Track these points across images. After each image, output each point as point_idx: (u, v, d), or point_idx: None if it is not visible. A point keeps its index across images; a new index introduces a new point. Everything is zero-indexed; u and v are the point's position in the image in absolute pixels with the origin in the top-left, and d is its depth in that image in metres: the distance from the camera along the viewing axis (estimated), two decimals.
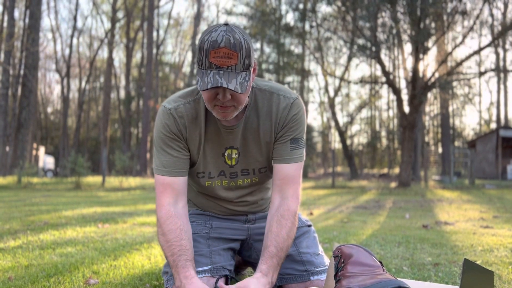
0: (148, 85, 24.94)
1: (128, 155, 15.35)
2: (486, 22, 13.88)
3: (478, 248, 2.77)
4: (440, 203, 7.17)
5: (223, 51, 1.18)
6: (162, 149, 1.43)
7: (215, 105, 1.29)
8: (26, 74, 20.24)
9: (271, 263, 1.33)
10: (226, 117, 1.32)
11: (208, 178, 1.52)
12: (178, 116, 1.41)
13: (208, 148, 1.46)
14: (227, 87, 1.18)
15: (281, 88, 1.47)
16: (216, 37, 1.18)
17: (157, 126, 1.44)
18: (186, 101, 1.43)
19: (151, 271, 2.09)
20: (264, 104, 1.45)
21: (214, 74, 1.19)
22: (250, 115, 1.45)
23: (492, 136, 22.64)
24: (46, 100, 43.11)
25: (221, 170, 1.51)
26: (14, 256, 2.43)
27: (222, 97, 1.25)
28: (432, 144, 39.36)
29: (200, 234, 1.56)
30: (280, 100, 1.44)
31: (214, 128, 1.44)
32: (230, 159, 1.49)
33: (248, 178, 1.54)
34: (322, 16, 16.83)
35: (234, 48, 1.19)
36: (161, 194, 1.42)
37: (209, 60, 1.19)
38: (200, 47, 1.21)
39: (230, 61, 1.19)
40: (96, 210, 5.44)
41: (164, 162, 1.42)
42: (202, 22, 29.58)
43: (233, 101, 1.28)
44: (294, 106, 1.44)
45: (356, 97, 36.85)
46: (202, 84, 1.20)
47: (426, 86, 12.67)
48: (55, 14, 46.82)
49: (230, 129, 1.43)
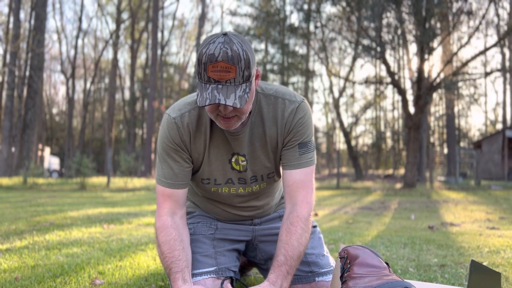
0: (152, 86, 25.00)
1: (132, 156, 15.39)
2: (492, 22, 13.81)
3: (484, 249, 2.75)
4: (445, 204, 7.14)
5: (220, 65, 1.17)
6: (164, 160, 1.43)
7: (217, 115, 1.28)
8: (31, 75, 20.36)
9: (279, 272, 1.30)
10: (229, 128, 1.31)
11: (214, 185, 1.51)
12: (182, 125, 1.40)
13: (213, 155, 1.45)
14: (225, 104, 1.17)
15: (286, 92, 1.45)
16: (214, 50, 1.16)
17: (160, 136, 1.43)
18: (192, 107, 1.41)
19: (156, 272, 2.10)
20: (270, 109, 1.43)
21: (213, 89, 1.18)
22: (255, 121, 1.43)
23: (498, 136, 22.51)
24: (51, 101, 43.35)
25: (229, 178, 1.49)
26: (21, 257, 2.45)
27: (224, 109, 1.23)
28: (437, 145, 39.20)
29: (206, 235, 1.56)
30: (285, 104, 1.42)
31: (219, 134, 1.42)
32: (238, 165, 1.47)
33: (257, 184, 1.52)
34: (326, 17, 16.83)
35: (232, 62, 1.17)
36: (161, 204, 1.44)
37: (207, 74, 1.18)
38: (199, 60, 1.20)
39: (228, 75, 1.18)
40: (101, 211, 5.45)
41: (165, 173, 1.42)
42: (206, 23, 29.72)
43: (235, 112, 1.27)
44: (300, 110, 1.42)
45: (361, 98, 36.83)
46: (201, 99, 1.19)
47: (431, 86, 12.62)
48: (60, 15, 46.97)
49: (236, 135, 1.41)
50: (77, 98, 39.46)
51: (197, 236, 1.55)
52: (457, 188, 12.72)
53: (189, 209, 1.69)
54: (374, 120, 40.07)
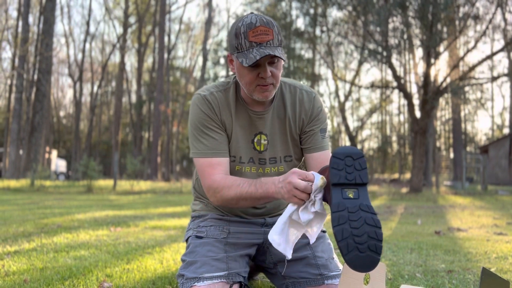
0: (159, 90, 25.12)
1: (139, 159, 15.46)
2: (498, 26, 13.76)
3: (492, 255, 2.74)
4: (452, 209, 7.10)
5: (260, 29, 1.32)
6: (203, 133, 1.50)
7: (256, 86, 1.40)
8: (39, 79, 20.53)
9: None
10: (267, 97, 1.43)
11: (239, 163, 1.57)
12: (212, 100, 1.51)
13: (239, 134, 1.54)
14: (274, 54, 1.30)
15: (301, 83, 1.61)
16: (250, 19, 1.34)
17: (193, 113, 1.52)
18: (218, 89, 1.54)
19: (163, 275, 2.11)
20: (290, 96, 1.57)
21: (257, 49, 1.32)
22: (277, 105, 1.56)
23: (505, 141, 22.35)
24: (59, 104, 43.64)
25: (251, 157, 1.56)
26: (29, 259, 2.47)
27: (264, 72, 1.36)
28: (443, 149, 38.99)
29: (218, 239, 1.57)
30: (303, 94, 1.57)
31: (244, 115, 1.54)
32: (259, 144, 1.56)
33: (275, 166, 1.59)
34: (332, 21, 16.83)
35: (269, 25, 1.33)
36: (210, 172, 1.47)
37: (249, 40, 1.33)
38: (236, 33, 1.35)
39: (268, 37, 1.33)
40: (108, 214, 5.48)
41: (209, 144, 1.49)
42: (213, 27, 29.82)
43: (272, 79, 1.40)
44: (317, 99, 1.59)
45: (366, 102, 36.73)
46: (248, 60, 1.32)
47: (437, 91, 12.57)
48: (69, 19, 47.42)
49: (260, 114, 1.53)
50: (84, 101, 39.73)
51: (209, 239, 1.56)
52: (464, 193, 12.63)
53: (201, 212, 1.70)
54: (380, 124, 39.97)
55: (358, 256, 1.07)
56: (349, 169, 1.14)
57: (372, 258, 1.07)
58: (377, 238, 1.08)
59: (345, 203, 1.11)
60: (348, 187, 1.14)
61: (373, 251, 1.07)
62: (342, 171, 1.13)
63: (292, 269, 1.56)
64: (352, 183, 1.13)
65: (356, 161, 1.15)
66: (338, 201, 1.12)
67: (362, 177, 1.14)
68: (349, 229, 1.08)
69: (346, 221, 1.09)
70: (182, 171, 39.62)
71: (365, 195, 1.13)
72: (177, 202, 8.41)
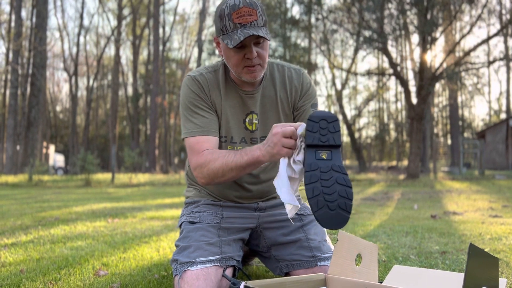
0: (155, 82, 25.01)
1: (136, 152, 15.46)
2: (494, 10, 13.69)
3: (486, 236, 2.76)
4: (449, 193, 7.14)
5: (243, 10, 1.34)
6: (193, 112, 1.51)
7: (244, 67, 1.42)
8: (34, 73, 20.41)
9: None
10: (255, 77, 1.44)
11: (230, 143, 1.58)
12: (202, 81, 1.53)
13: (230, 114, 1.55)
14: (257, 34, 1.31)
15: (288, 63, 1.63)
16: (234, 1, 1.34)
17: (184, 94, 1.55)
18: (207, 70, 1.57)
19: (159, 262, 2.12)
20: (279, 75, 1.59)
21: (242, 30, 1.33)
22: (267, 85, 1.58)
23: (502, 126, 22.40)
24: (55, 99, 43.44)
25: (242, 136, 1.58)
26: (26, 250, 2.48)
27: (250, 53, 1.37)
28: (441, 135, 39.07)
29: (211, 224, 1.57)
30: (291, 72, 1.60)
31: (234, 94, 1.55)
32: (251, 124, 1.58)
33: None
34: (327, 9, 16.73)
35: (252, 6, 1.35)
36: (198, 149, 1.46)
37: (233, 22, 1.34)
38: (221, 14, 1.36)
39: (252, 18, 1.34)
40: (106, 206, 5.49)
41: (199, 123, 1.50)
42: (207, 18, 29.54)
43: (259, 59, 1.41)
44: (305, 76, 1.61)
45: (363, 90, 36.67)
46: (233, 41, 1.33)
47: (433, 76, 12.56)
48: (62, 13, 46.87)
49: (251, 93, 1.55)
50: (80, 95, 39.59)
51: (203, 224, 1.57)
52: (461, 178, 12.69)
53: (194, 198, 1.71)
54: (377, 112, 39.96)
55: (328, 213, 1.10)
56: (323, 132, 1.18)
57: (341, 215, 1.11)
58: (347, 196, 1.12)
59: (318, 163, 1.15)
60: (321, 149, 1.17)
61: (343, 209, 1.11)
62: (316, 133, 1.17)
63: (286, 252, 1.57)
64: (325, 145, 1.17)
65: (330, 124, 1.19)
66: (311, 161, 1.16)
67: (336, 139, 1.18)
68: (320, 187, 1.12)
69: (318, 179, 1.13)
70: (180, 163, 39.59)
71: (338, 157, 1.17)
72: (175, 193, 8.43)
